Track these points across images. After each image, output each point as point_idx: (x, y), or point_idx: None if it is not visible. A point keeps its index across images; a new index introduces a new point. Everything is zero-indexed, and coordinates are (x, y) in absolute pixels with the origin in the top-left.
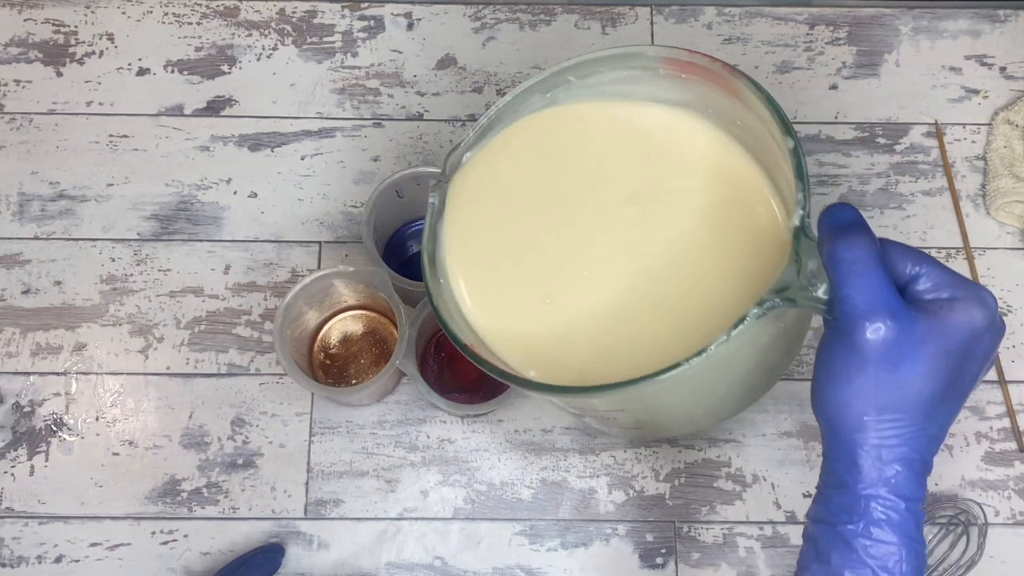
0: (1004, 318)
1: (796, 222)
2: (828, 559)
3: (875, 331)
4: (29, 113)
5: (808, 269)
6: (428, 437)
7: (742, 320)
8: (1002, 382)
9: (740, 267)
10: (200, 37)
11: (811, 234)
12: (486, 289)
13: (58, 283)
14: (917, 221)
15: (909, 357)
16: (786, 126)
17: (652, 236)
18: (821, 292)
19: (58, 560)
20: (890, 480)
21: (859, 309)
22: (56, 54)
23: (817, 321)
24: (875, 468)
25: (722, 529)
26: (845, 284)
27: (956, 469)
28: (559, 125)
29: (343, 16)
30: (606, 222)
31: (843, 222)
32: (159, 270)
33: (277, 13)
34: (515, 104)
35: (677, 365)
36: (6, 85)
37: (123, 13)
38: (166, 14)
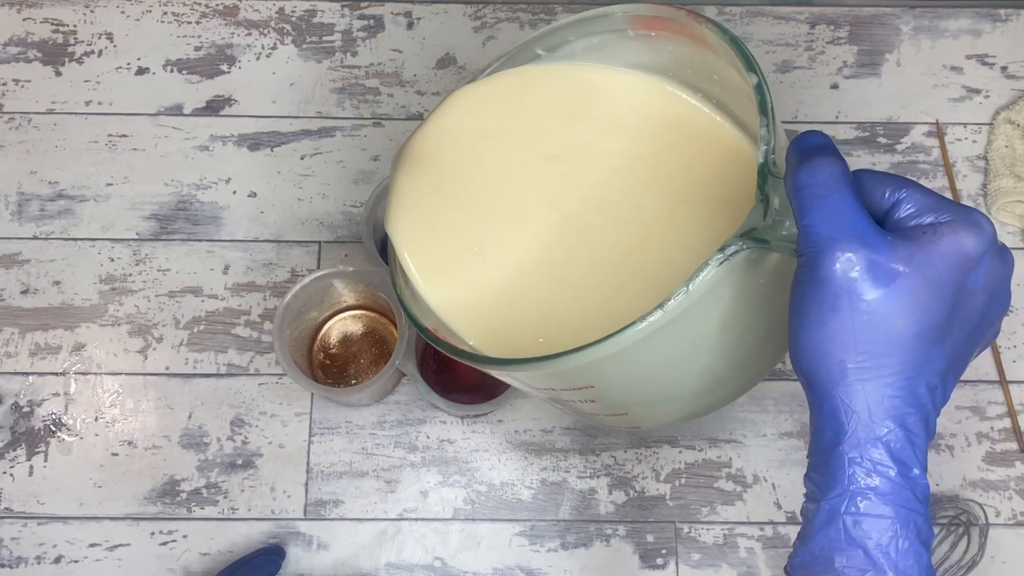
0: (1005, 318)
1: (760, 158)
2: (812, 540)
3: (844, 261)
4: (28, 113)
5: (773, 207)
6: (428, 437)
7: (703, 268)
8: (1003, 382)
9: (706, 226)
10: (199, 36)
11: (776, 171)
12: (431, 264)
13: (57, 283)
14: None
15: (887, 289)
16: (749, 63)
17: (607, 206)
18: (786, 230)
19: (57, 560)
20: (880, 440)
21: (823, 237)
22: (55, 53)
23: None
24: (862, 426)
25: (723, 530)
26: (808, 211)
27: (957, 469)
28: (525, 89)
29: (343, 15)
30: (560, 197)
31: (809, 147)
32: (158, 270)
33: (277, 12)
34: (486, 83)
35: (631, 325)
36: (5, 84)
37: (122, 12)
38: (165, 13)
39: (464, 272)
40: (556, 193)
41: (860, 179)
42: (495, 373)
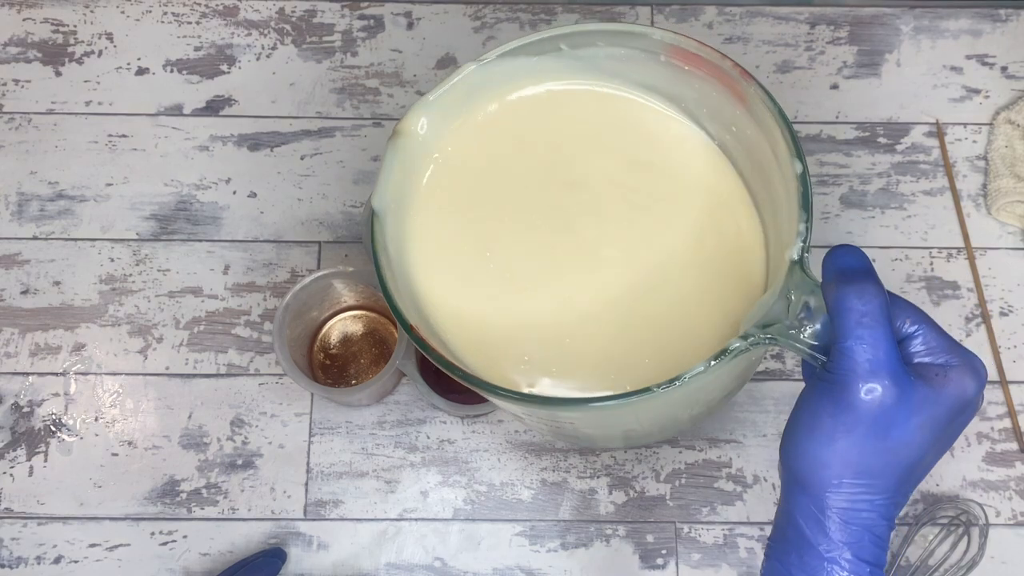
0: (1005, 318)
1: (795, 255)
2: None
3: (872, 392)
4: (28, 113)
5: (799, 307)
6: (428, 437)
7: (724, 352)
8: (1003, 382)
9: (714, 285)
10: (199, 36)
11: (808, 271)
12: (445, 272)
13: (57, 283)
14: (918, 221)
15: (901, 425)
16: (797, 148)
17: (624, 244)
18: (809, 335)
19: (57, 561)
20: (855, 544)
21: (861, 367)
22: (55, 54)
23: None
24: (841, 531)
25: (723, 530)
26: (849, 336)
27: (957, 469)
28: (546, 111)
29: (343, 15)
30: (576, 223)
31: (853, 268)
32: (158, 270)
33: (276, 12)
34: (500, 67)
35: (644, 391)
36: (5, 85)
37: (122, 12)
38: (165, 13)
39: (467, 275)
40: (574, 220)
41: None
42: (471, 386)
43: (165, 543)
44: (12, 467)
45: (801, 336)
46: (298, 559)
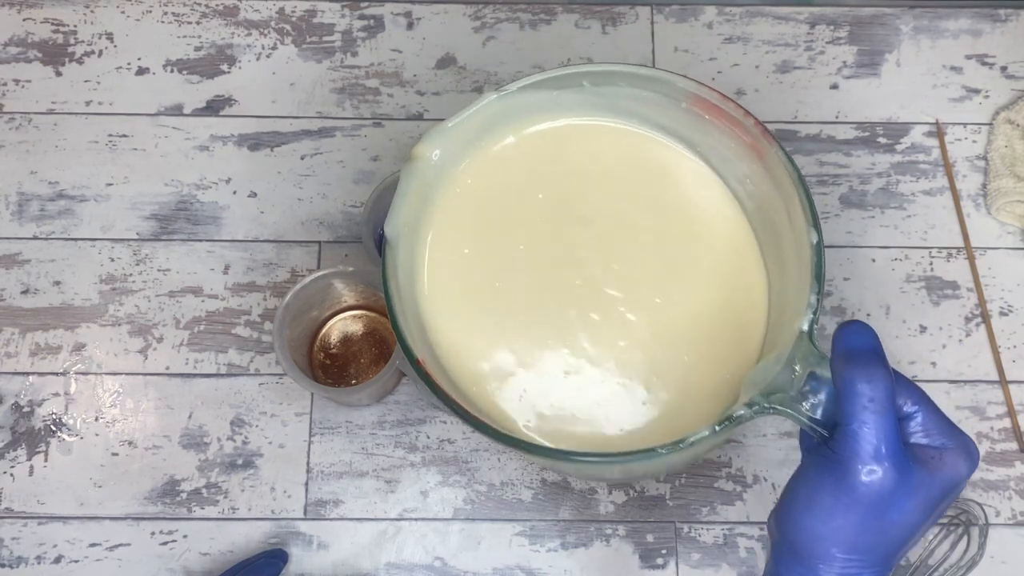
0: (1005, 318)
1: (804, 326)
2: None
3: (872, 474)
4: (28, 113)
5: (803, 379)
6: (428, 437)
7: (730, 419)
8: (1003, 382)
9: (716, 337)
10: (199, 36)
11: (816, 343)
12: (453, 302)
13: (57, 283)
14: (918, 221)
15: (898, 507)
16: (813, 217)
17: (630, 285)
18: (812, 408)
19: (57, 560)
20: None
21: (865, 451)
22: (55, 54)
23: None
24: None
25: (723, 530)
26: (855, 419)
27: None
28: (563, 146)
29: (343, 15)
30: (584, 259)
31: (863, 347)
32: (158, 270)
33: (277, 12)
34: (519, 99)
35: (650, 452)
36: (5, 84)
37: (122, 12)
38: (165, 13)
39: (474, 307)
40: (583, 256)
41: None
42: (470, 426)
43: (165, 543)
44: (12, 467)
45: (804, 408)
46: (298, 559)
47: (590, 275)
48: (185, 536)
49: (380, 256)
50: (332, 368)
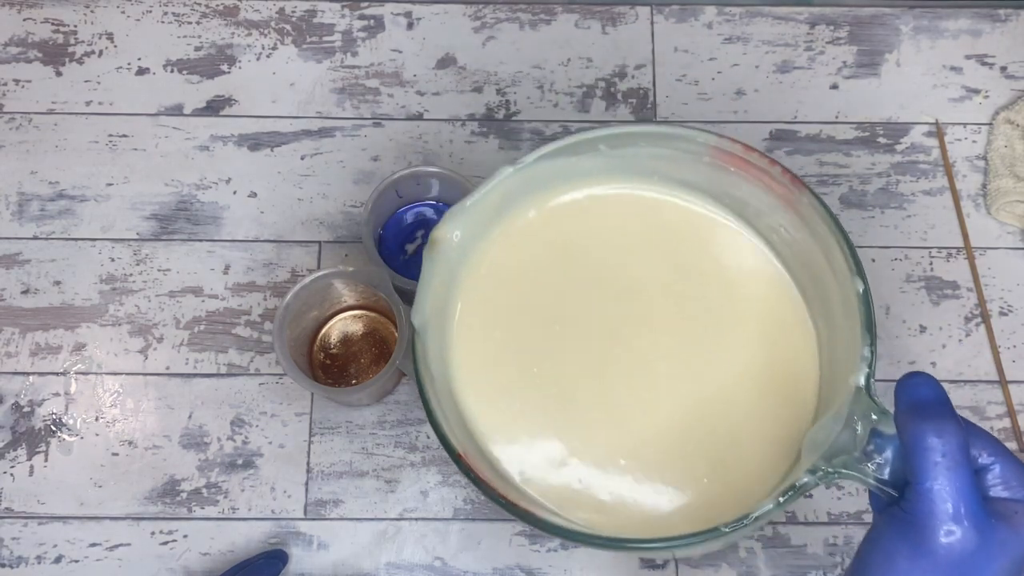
0: (1005, 318)
1: (860, 382)
2: None
3: (951, 535)
4: (28, 113)
5: (866, 438)
6: (428, 437)
7: (793, 489)
8: (1003, 382)
9: (767, 401)
10: (200, 37)
11: (876, 398)
12: (491, 390)
13: (57, 283)
14: (918, 221)
15: (982, 569)
16: (856, 265)
17: (679, 357)
18: (878, 468)
19: (57, 560)
20: None
21: (941, 510)
22: (55, 54)
23: None
24: None
25: None
26: (929, 477)
27: None
28: (586, 218)
29: (343, 16)
30: (627, 334)
31: (928, 400)
32: (158, 270)
33: (277, 12)
34: (537, 170)
35: (716, 532)
36: (5, 85)
37: (122, 12)
38: (166, 13)
39: (513, 392)
40: (625, 332)
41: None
42: (527, 523)
43: (165, 543)
44: (12, 467)
45: (870, 470)
46: (298, 559)
47: (634, 350)
48: (185, 536)
49: (380, 256)
50: (332, 368)
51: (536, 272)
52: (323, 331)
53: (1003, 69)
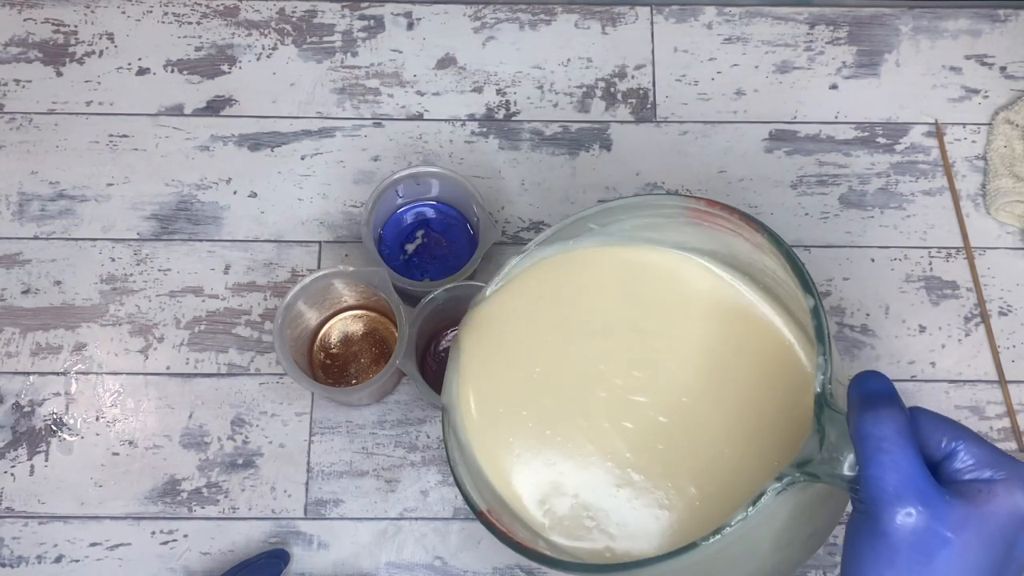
0: (1004, 318)
1: (817, 388)
2: None
3: (904, 517)
4: (29, 113)
5: (830, 441)
6: (428, 437)
7: (760, 496)
8: (1002, 382)
9: (752, 415)
10: (200, 37)
11: (833, 402)
12: (503, 450)
13: (58, 283)
14: (917, 221)
15: (944, 548)
16: (805, 282)
17: (654, 389)
18: (845, 468)
19: (58, 560)
20: None
21: (886, 492)
22: (56, 54)
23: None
24: None
25: None
26: (871, 463)
27: None
28: (564, 270)
29: (343, 16)
30: (606, 373)
31: (873, 392)
32: (159, 270)
33: (277, 13)
34: (538, 254)
35: (692, 546)
36: (6, 85)
37: (123, 13)
38: (166, 14)
39: (515, 442)
40: (600, 370)
41: (918, 423)
42: (547, 566)
43: (166, 542)
44: (13, 466)
45: (837, 471)
46: (299, 558)
47: (613, 386)
48: (185, 536)
49: (380, 256)
50: (332, 368)
51: (517, 323)
52: (323, 331)
53: (1003, 69)
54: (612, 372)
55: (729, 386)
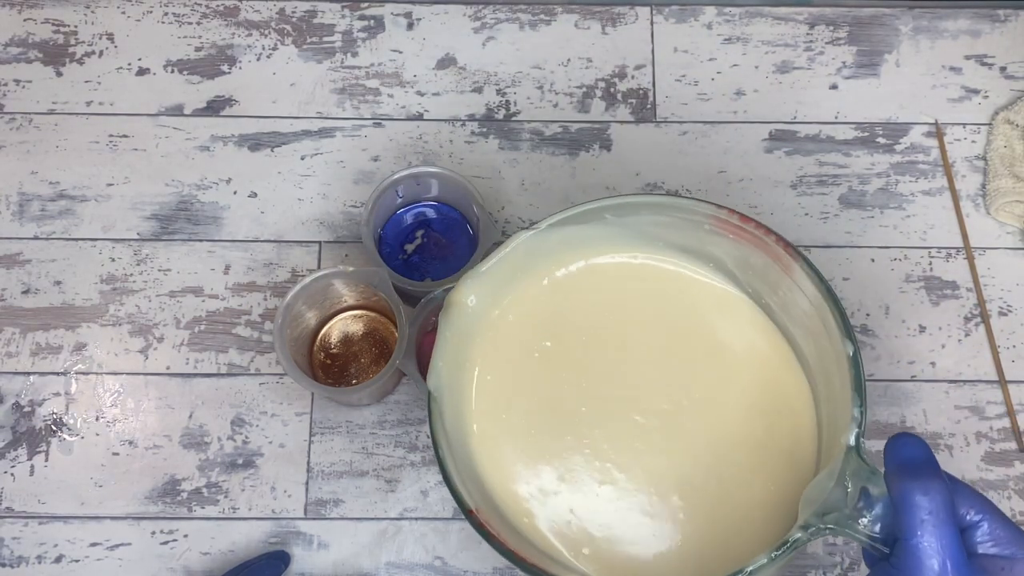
0: (1004, 318)
1: (851, 441)
2: None
3: None
4: (29, 113)
5: (857, 495)
6: (428, 437)
7: (786, 544)
8: (1002, 382)
9: (764, 462)
10: (200, 37)
11: (865, 457)
12: (505, 451)
13: (58, 283)
14: (917, 221)
15: None
16: (846, 328)
17: (668, 418)
18: (868, 525)
19: (58, 560)
20: None
21: (926, 565)
22: (56, 54)
23: None
24: None
25: None
26: (916, 534)
27: (956, 469)
28: (589, 285)
29: (343, 16)
30: (622, 395)
31: (915, 460)
32: (159, 270)
33: (277, 13)
34: (549, 236)
35: None
36: (6, 85)
37: (123, 13)
38: (166, 14)
39: (521, 451)
40: (620, 393)
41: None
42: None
43: (166, 542)
44: (13, 466)
45: (861, 526)
46: (299, 558)
47: (624, 400)
48: (186, 536)
49: (380, 256)
50: (332, 368)
51: (542, 335)
52: (323, 331)
53: (1002, 69)
54: (608, 378)
55: (735, 413)
